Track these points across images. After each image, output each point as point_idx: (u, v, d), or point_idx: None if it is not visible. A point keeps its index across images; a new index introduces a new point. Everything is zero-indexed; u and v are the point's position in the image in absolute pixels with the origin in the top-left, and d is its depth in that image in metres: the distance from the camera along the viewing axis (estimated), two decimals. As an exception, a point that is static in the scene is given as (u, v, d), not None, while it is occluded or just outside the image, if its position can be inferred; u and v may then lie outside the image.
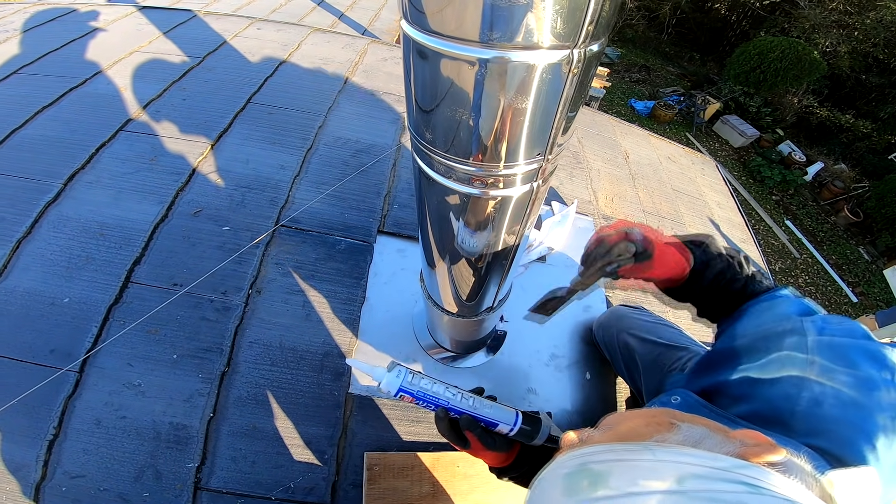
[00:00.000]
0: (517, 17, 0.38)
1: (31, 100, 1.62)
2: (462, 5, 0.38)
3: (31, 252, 1.21)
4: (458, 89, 0.46)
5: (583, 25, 0.40)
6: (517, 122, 0.48)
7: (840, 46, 8.34)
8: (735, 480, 0.33)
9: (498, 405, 0.81)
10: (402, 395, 0.81)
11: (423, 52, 0.44)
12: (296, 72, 2.02)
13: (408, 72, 0.51)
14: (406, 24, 0.45)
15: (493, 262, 0.79)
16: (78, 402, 1.03)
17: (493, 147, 0.51)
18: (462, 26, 0.40)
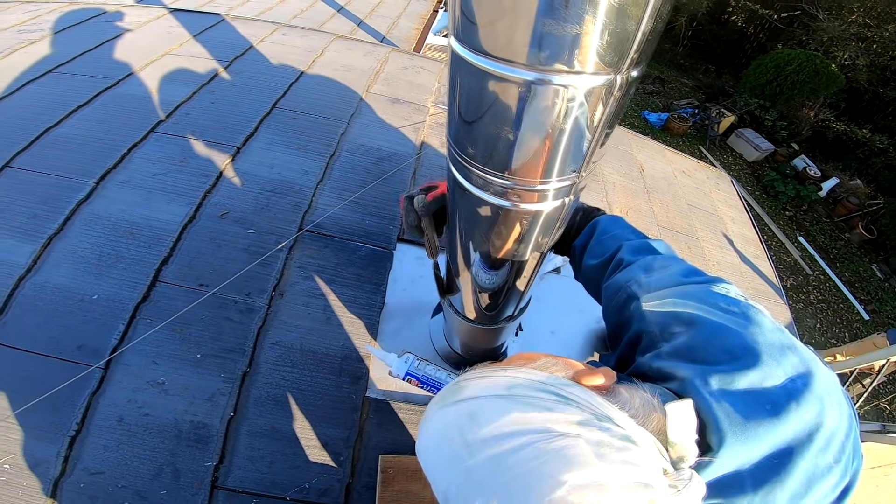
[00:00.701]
0: (566, 44, 0.39)
1: (66, 99, 1.67)
2: (513, 29, 0.40)
3: (62, 249, 1.24)
4: (502, 107, 0.47)
5: (628, 53, 0.41)
6: (556, 141, 0.50)
7: (858, 59, 8.28)
8: (552, 392, 0.44)
9: None
10: (409, 379, 0.89)
11: (471, 70, 0.46)
12: (319, 78, 2.06)
13: (453, 87, 0.53)
14: (455, 43, 0.47)
15: (517, 272, 0.81)
16: (102, 398, 1.04)
17: (531, 163, 0.53)
18: (511, 49, 0.42)
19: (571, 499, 0.36)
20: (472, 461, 0.41)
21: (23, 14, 2.26)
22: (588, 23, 0.37)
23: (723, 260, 2.19)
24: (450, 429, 0.45)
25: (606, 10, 0.36)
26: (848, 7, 8.52)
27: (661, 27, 0.43)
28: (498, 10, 0.39)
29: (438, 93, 2.21)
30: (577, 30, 0.38)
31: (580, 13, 0.36)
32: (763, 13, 9.61)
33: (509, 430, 0.41)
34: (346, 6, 4.17)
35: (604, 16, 0.37)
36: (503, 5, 0.38)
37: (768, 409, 0.49)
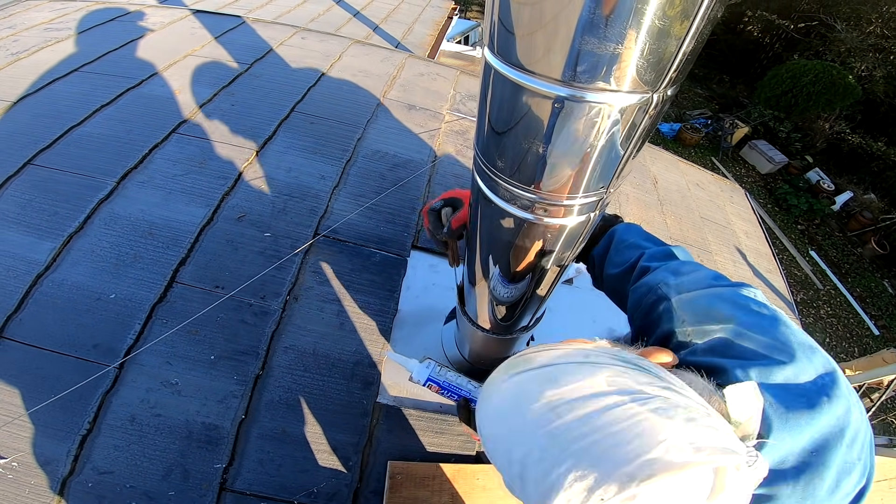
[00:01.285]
0: (604, 61, 0.39)
1: (91, 98, 1.69)
2: (550, 44, 0.40)
3: (81, 247, 1.25)
4: (534, 121, 0.47)
5: (667, 73, 0.41)
6: (587, 157, 0.50)
7: (876, 71, 8.17)
8: (628, 362, 0.46)
9: None
10: (430, 384, 0.90)
11: (504, 83, 0.46)
12: (337, 83, 2.08)
13: (484, 98, 0.53)
14: (489, 54, 0.47)
15: (536, 285, 0.80)
16: (115, 398, 1.04)
17: (560, 178, 0.53)
18: (547, 64, 0.41)
19: (668, 458, 0.37)
20: (557, 422, 0.41)
21: (50, 12, 2.31)
22: (629, 42, 0.37)
23: (736, 274, 2.17)
24: (528, 394, 0.45)
25: (649, 29, 0.36)
26: (866, 18, 8.43)
27: (701, 47, 0.43)
28: (538, 23, 0.39)
29: (454, 100, 2.22)
30: (617, 49, 0.37)
31: (622, 32, 0.36)
32: (780, 23, 9.53)
33: (598, 390, 0.42)
34: (362, 11, 4.21)
35: (646, 36, 0.37)
36: (543, 19, 0.38)
37: (804, 402, 0.50)
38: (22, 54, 1.91)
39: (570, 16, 0.36)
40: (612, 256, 0.87)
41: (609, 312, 1.61)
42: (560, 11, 0.36)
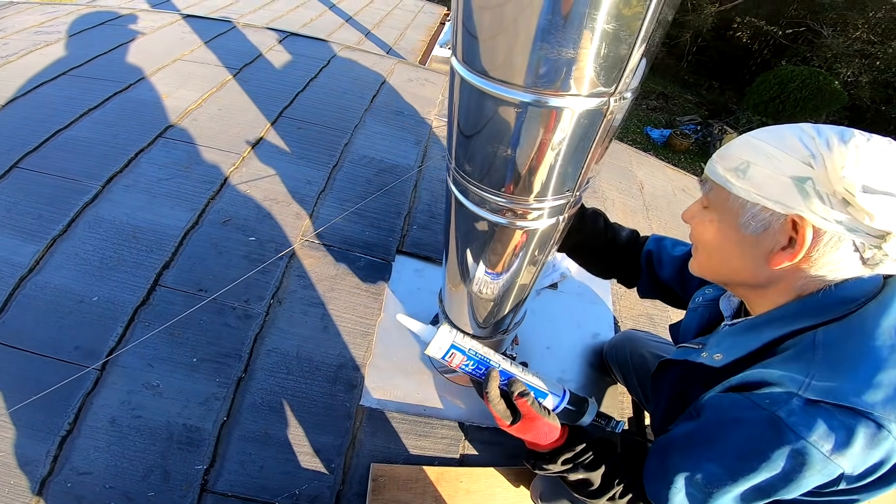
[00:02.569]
0: (562, 66, 0.41)
1: (78, 102, 1.69)
2: (512, 50, 0.42)
3: (65, 250, 1.25)
4: (499, 126, 0.49)
5: (621, 77, 0.43)
6: (551, 161, 0.51)
7: (861, 76, 8.28)
8: None
9: (546, 378, 0.79)
10: (451, 354, 0.78)
11: (470, 90, 0.48)
12: (325, 88, 2.09)
13: (452, 105, 0.54)
14: (456, 62, 0.49)
15: (512, 287, 0.82)
16: (96, 399, 1.04)
17: (527, 181, 0.54)
18: (509, 70, 0.43)
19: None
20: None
21: (40, 15, 2.31)
22: (584, 46, 0.39)
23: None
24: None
25: (601, 35, 0.38)
26: (852, 23, 8.55)
27: (654, 51, 0.45)
28: (499, 27, 0.40)
29: (442, 105, 2.24)
30: (573, 53, 0.39)
31: (577, 36, 0.38)
32: (768, 29, 9.65)
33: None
34: (355, 16, 4.23)
35: (599, 39, 0.38)
36: (504, 23, 0.40)
37: None
38: (11, 57, 1.91)
39: (529, 20, 0.38)
40: (661, 259, 0.98)
41: (593, 317, 1.62)
42: (519, 15, 0.38)
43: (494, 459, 1.20)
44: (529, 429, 0.77)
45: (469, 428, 1.22)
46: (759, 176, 0.56)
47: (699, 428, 0.63)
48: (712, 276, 0.71)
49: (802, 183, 0.53)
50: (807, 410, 0.52)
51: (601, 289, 1.72)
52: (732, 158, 0.60)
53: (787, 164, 0.55)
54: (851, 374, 0.52)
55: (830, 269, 0.55)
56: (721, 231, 0.63)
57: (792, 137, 0.56)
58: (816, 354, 0.55)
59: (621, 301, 1.71)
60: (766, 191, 0.56)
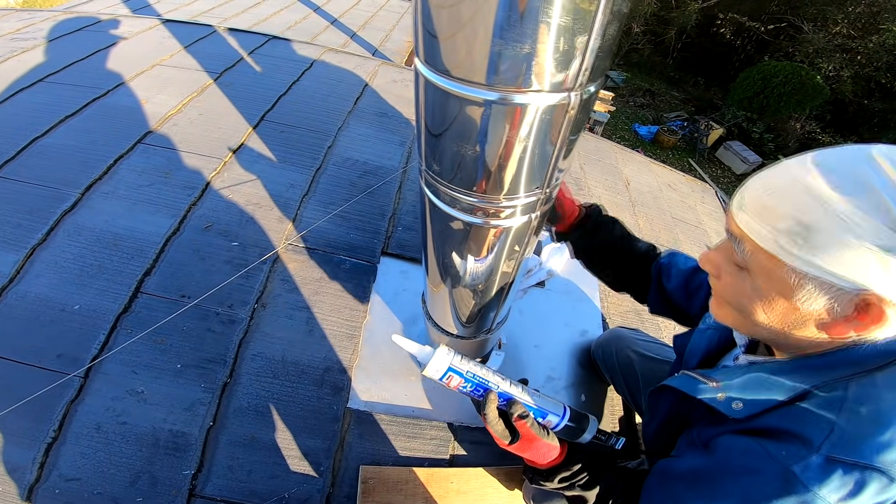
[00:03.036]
0: (522, 64, 0.41)
1: (56, 108, 1.68)
2: (472, 51, 0.42)
3: (45, 259, 1.24)
4: (465, 126, 0.49)
5: (579, 71, 0.43)
6: (518, 158, 0.52)
7: (843, 71, 8.40)
8: None
9: (546, 397, 0.77)
10: (448, 376, 0.76)
11: (434, 89, 0.48)
12: (308, 91, 2.09)
13: (418, 106, 0.55)
14: (419, 63, 0.49)
15: (492, 286, 0.82)
16: (80, 406, 1.04)
17: (495, 180, 0.55)
18: (471, 70, 0.44)
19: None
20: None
21: (17, 22, 2.28)
22: (541, 41, 0.39)
23: (707, 272, 2.21)
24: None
25: (556, 29, 0.38)
26: (832, 19, 8.68)
27: (611, 45, 0.45)
28: (457, 24, 0.41)
29: (427, 106, 2.23)
30: (530, 49, 0.40)
31: (532, 33, 0.38)
32: (750, 25, 9.76)
33: None
34: (340, 18, 4.22)
35: (554, 35, 0.39)
36: (462, 20, 0.40)
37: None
38: (-13, 65, 1.88)
39: (486, 17, 0.38)
40: (670, 272, 0.97)
41: (581, 315, 1.64)
42: (476, 13, 0.39)
43: (484, 459, 1.20)
44: (528, 449, 0.75)
45: (458, 428, 1.22)
46: (828, 244, 0.45)
47: (708, 467, 0.60)
48: (743, 330, 0.64)
49: (890, 254, 0.43)
50: (824, 467, 0.49)
51: (589, 286, 1.73)
52: (784, 216, 0.48)
53: (870, 229, 0.43)
54: (879, 431, 0.48)
55: (890, 332, 0.49)
56: (765, 300, 0.54)
57: (873, 188, 0.43)
58: (845, 407, 0.50)
59: (609, 298, 1.73)
60: (838, 265, 0.45)
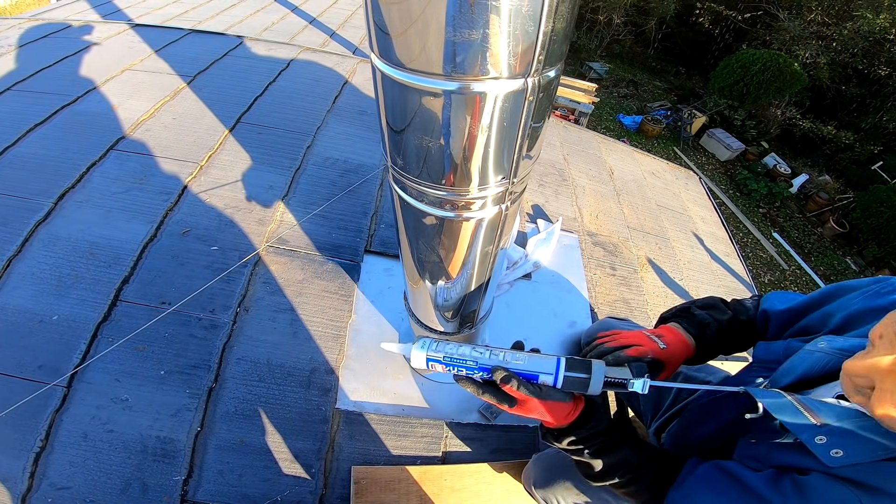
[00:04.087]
0: (475, 50, 0.41)
1: (24, 117, 1.65)
2: (424, 39, 0.42)
3: (20, 271, 1.22)
4: (425, 118, 0.49)
5: (534, 56, 0.43)
6: (481, 148, 0.52)
7: (819, 58, 8.48)
8: None
9: (536, 356, 0.73)
10: (432, 366, 0.78)
11: (392, 83, 0.48)
12: (285, 91, 2.07)
13: (378, 102, 0.54)
14: (375, 57, 0.48)
15: (470, 280, 0.82)
16: (65, 415, 1.04)
17: (461, 171, 0.55)
18: (427, 61, 0.43)
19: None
20: None
21: (-16, 31, 2.22)
22: (493, 26, 0.39)
23: (694, 259, 2.24)
24: None
25: (507, 14, 0.38)
26: (807, 6, 8.77)
27: (566, 28, 0.45)
28: (408, 20, 0.40)
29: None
30: (482, 35, 0.39)
31: (484, 19, 0.38)
32: (727, 14, 9.83)
33: None
34: (319, 17, 4.17)
35: (505, 20, 0.39)
36: (413, 16, 0.40)
37: None
38: (-48, 75, 1.84)
39: (437, 8, 0.38)
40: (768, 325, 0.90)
41: (569, 305, 1.64)
42: (426, 6, 0.38)
43: (477, 455, 1.21)
44: (527, 410, 0.73)
45: (450, 425, 1.23)
46: None
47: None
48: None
49: None
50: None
51: (576, 277, 1.74)
52: None
53: None
54: None
55: None
56: None
57: None
58: None
59: (597, 288, 1.74)
60: None
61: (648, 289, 1.87)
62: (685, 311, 0.96)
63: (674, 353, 0.86)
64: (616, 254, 1.94)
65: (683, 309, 0.97)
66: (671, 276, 2.00)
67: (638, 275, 1.90)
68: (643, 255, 2.02)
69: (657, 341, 0.86)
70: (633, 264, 1.94)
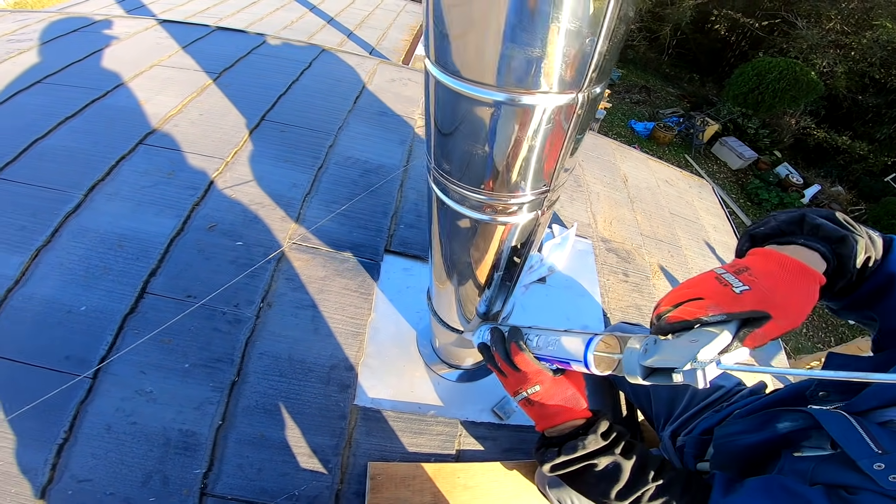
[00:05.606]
0: (531, 66, 0.42)
1: (54, 110, 1.68)
2: (482, 52, 0.43)
3: (49, 261, 1.24)
4: (475, 126, 0.51)
5: (587, 73, 0.45)
6: (526, 157, 0.53)
7: (837, 66, 8.40)
8: None
9: (569, 335, 0.67)
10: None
11: (445, 90, 0.50)
12: (307, 90, 2.09)
13: (428, 106, 0.56)
14: (430, 64, 0.50)
15: (497, 282, 0.83)
16: (90, 407, 1.05)
17: (504, 178, 0.56)
18: (481, 71, 0.45)
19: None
20: None
21: (12, 23, 2.27)
22: (549, 45, 0.40)
23: (706, 267, 2.23)
24: None
25: (567, 32, 0.39)
26: (826, 14, 8.70)
27: (618, 47, 0.46)
28: (468, 23, 0.42)
29: (426, 105, 2.24)
30: (539, 52, 0.41)
31: (541, 36, 0.39)
32: (745, 21, 9.79)
33: None
34: (336, 17, 4.22)
35: (563, 38, 0.40)
36: (472, 19, 0.41)
37: None
38: (-17, 67, 1.88)
39: (498, 19, 0.39)
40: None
41: (582, 310, 1.65)
42: (487, 13, 0.39)
43: (490, 454, 1.22)
44: (521, 381, 0.71)
45: (464, 423, 1.24)
46: None
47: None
48: None
49: None
50: None
51: (589, 282, 1.75)
52: None
53: None
54: None
55: None
56: None
57: None
58: None
59: (609, 293, 1.75)
60: None
61: (660, 295, 1.88)
62: (796, 220, 0.64)
63: (770, 295, 0.52)
64: (629, 260, 1.94)
65: (793, 219, 0.64)
66: (683, 284, 2.00)
67: (650, 282, 1.90)
68: (655, 262, 2.02)
69: (732, 282, 0.53)
70: (646, 271, 1.94)
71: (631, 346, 0.58)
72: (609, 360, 0.60)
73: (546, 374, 0.71)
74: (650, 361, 0.54)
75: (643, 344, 0.57)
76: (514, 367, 0.73)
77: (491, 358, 0.78)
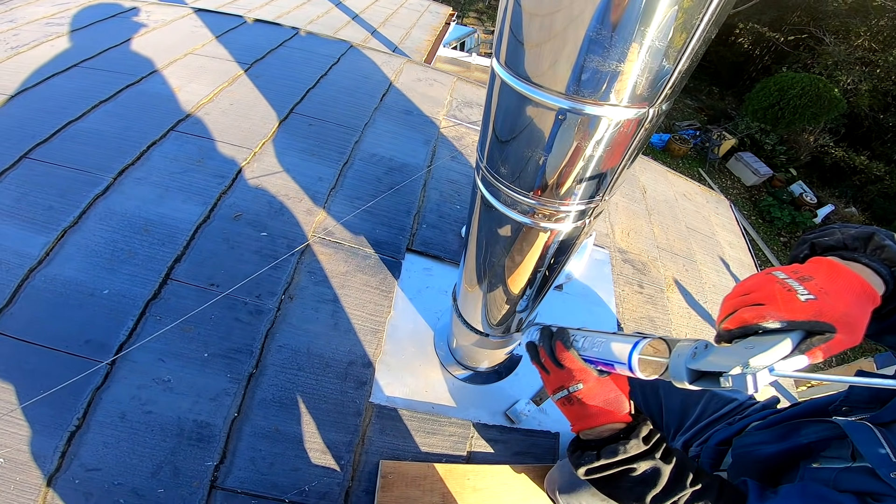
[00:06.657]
0: (605, 77, 0.42)
1: (90, 93, 1.69)
2: (557, 61, 0.42)
3: (75, 242, 1.25)
4: (537, 131, 0.50)
5: (662, 90, 0.44)
6: (584, 167, 0.52)
7: (861, 84, 8.30)
8: None
9: (617, 337, 0.67)
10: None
11: (510, 93, 0.49)
12: (336, 86, 2.10)
13: (489, 107, 0.55)
14: (497, 66, 0.49)
15: (528, 289, 0.83)
16: (105, 394, 1.03)
17: (558, 186, 0.55)
18: (552, 77, 0.44)
19: None
20: None
21: (51, 7, 2.30)
22: (630, 60, 0.39)
23: (719, 283, 2.22)
24: None
25: (649, 49, 0.39)
26: (855, 31, 8.58)
27: (696, 65, 0.46)
28: (547, 35, 0.41)
29: (450, 106, 2.24)
30: (618, 66, 0.40)
31: (624, 50, 0.39)
32: (770, 36, 9.68)
33: None
34: (361, 14, 4.23)
35: (646, 55, 0.39)
36: (553, 31, 0.40)
37: None
38: (21, 48, 1.90)
39: (578, 31, 0.39)
40: None
41: (596, 319, 1.64)
42: (568, 25, 0.39)
43: (500, 457, 1.21)
44: (564, 378, 0.71)
45: (476, 425, 1.23)
46: None
47: None
48: None
49: None
50: None
51: (605, 291, 1.74)
52: None
53: None
54: None
55: None
56: None
57: None
58: None
59: (624, 304, 1.73)
60: None
61: (673, 308, 1.86)
62: (865, 237, 0.60)
63: (839, 310, 0.50)
64: (644, 272, 1.93)
65: (862, 235, 0.60)
66: (696, 299, 1.99)
67: (664, 294, 1.89)
68: (670, 275, 2.01)
69: (797, 288, 0.51)
70: (661, 284, 1.93)
71: (680, 350, 0.57)
72: (655, 363, 0.59)
73: (590, 374, 0.70)
74: (699, 364, 0.52)
75: (692, 348, 0.56)
76: (558, 363, 0.72)
77: (536, 355, 0.78)
